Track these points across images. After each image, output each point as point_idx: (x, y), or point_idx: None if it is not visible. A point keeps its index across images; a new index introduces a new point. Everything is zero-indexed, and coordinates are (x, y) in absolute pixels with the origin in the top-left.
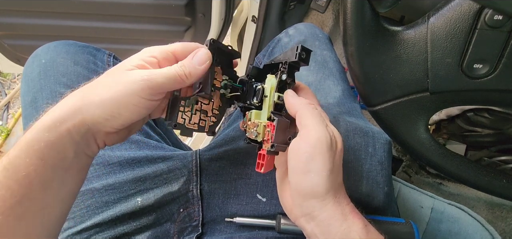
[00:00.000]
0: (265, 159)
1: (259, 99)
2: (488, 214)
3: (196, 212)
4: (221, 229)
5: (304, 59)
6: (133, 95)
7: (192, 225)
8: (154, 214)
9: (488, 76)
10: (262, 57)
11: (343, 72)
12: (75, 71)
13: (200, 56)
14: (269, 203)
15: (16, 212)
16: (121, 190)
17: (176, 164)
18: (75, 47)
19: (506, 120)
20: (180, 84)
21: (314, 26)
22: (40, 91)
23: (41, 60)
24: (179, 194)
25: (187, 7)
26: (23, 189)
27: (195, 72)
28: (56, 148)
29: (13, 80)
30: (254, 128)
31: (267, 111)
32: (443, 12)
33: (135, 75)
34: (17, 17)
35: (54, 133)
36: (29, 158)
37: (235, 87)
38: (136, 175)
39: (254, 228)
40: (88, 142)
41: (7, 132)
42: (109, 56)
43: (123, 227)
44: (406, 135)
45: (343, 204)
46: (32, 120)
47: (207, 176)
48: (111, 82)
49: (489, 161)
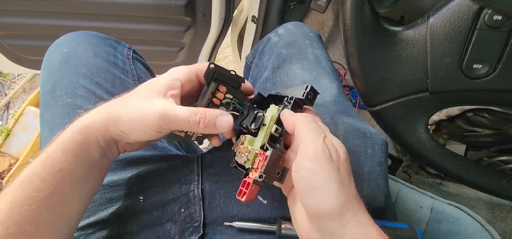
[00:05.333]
0: (249, 188)
1: (257, 127)
2: (488, 214)
3: (197, 212)
4: (222, 231)
5: (310, 99)
6: (146, 124)
7: (193, 226)
8: (155, 213)
9: (488, 76)
10: (251, 57)
11: (336, 71)
12: (96, 63)
13: (223, 121)
14: (270, 205)
15: (47, 202)
16: (124, 187)
17: (178, 163)
18: (96, 38)
19: (506, 120)
20: (191, 128)
21: (304, 25)
22: (60, 80)
23: (63, 49)
24: (180, 193)
25: (187, 7)
26: (55, 182)
27: (210, 129)
28: (85, 149)
29: (13, 80)
30: (246, 153)
31: (262, 139)
32: (443, 12)
33: (153, 107)
34: (17, 17)
35: (85, 136)
36: (64, 154)
37: (237, 108)
38: (139, 173)
39: (255, 232)
40: (110, 147)
41: (7, 132)
42: (129, 50)
43: (125, 225)
44: (406, 135)
45: (366, 224)
46: (50, 108)
47: (209, 177)
48: (134, 106)
49: (489, 161)
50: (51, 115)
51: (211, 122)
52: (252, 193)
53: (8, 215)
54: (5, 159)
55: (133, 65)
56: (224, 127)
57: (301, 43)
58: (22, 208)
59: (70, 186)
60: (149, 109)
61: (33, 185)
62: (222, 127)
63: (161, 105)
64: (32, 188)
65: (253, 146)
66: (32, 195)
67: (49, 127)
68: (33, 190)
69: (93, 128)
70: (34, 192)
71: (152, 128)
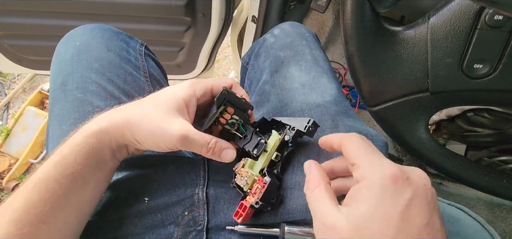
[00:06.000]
0: (245, 211)
1: (259, 153)
2: (488, 214)
3: (201, 216)
4: (225, 235)
5: (311, 132)
6: (164, 141)
7: (196, 230)
8: (159, 215)
9: (488, 76)
10: (247, 58)
11: (334, 71)
12: (108, 58)
13: (227, 154)
14: (273, 211)
15: (61, 203)
16: (129, 187)
17: (185, 166)
18: (109, 33)
19: (506, 119)
20: (202, 153)
21: (300, 25)
22: (71, 74)
23: (76, 42)
24: (185, 196)
25: (187, 7)
26: (69, 183)
27: (214, 157)
28: (98, 152)
29: (13, 80)
30: (245, 177)
31: (262, 164)
32: (443, 12)
33: (175, 128)
34: (17, 17)
35: (99, 141)
36: (78, 157)
37: (240, 130)
38: (146, 173)
39: (259, 237)
40: (121, 150)
41: (7, 132)
42: (141, 45)
43: (128, 226)
44: (406, 135)
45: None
46: (60, 102)
47: (214, 181)
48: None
49: (489, 161)
50: (61, 109)
51: (218, 153)
52: (248, 215)
53: (23, 215)
54: (5, 159)
55: (145, 62)
56: (227, 160)
57: (298, 44)
58: (37, 208)
59: (82, 187)
60: (170, 130)
61: (48, 186)
62: (225, 159)
63: (183, 128)
64: (47, 189)
65: (253, 170)
66: (46, 197)
67: (58, 121)
68: (47, 191)
69: (109, 133)
70: (48, 193)
71: (169, 145)
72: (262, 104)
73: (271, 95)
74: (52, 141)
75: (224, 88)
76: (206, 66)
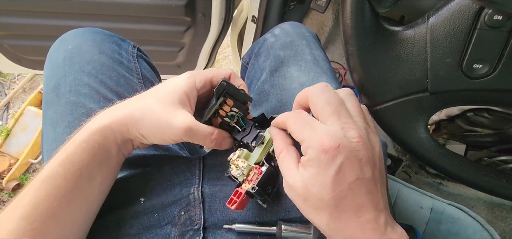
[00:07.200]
0: (240, 197)
1: (257, 145)
2: (488, 214)
3: (197, 215)
4: (222, 234)
5: None
6: (169, 134)
7: (193, 229)
8: (155, 215)
9: (488, 76)
10: (247, 57)
11: (333, 71)
12: (100, 60)
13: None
14: (270, 209)
15: (68, 198)
16: (126, 188)
17: (180, 165)
18: (101, 36)
19: (506, 119)
20: (205, 144)
21: (300, 25)
22: (64, 77)
23: (68, 46)
24: (181, 196)
25: (187, 7)
26: (75, 179)
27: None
28: (103, 148)
29: (13, 80)
30: (241, 167)
31: (258, 156)
32: (443, 12)
33: (180, 120)
34: (17, 17)
35: (104, 137)
36: (83, 154)
37: (239, 123)
38: (142, 173)
39: (255, 235)
40: (126, 145)
41: (7, 132)
42: (134, 47)
43: (125, 227)
44: (406, 135)
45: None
46: (53, 105)
47: (209, 180)
48: (158, 113)
49: (489, 161)
50: (54, 113)
51: (218, 142)
52: (243, 203)
53: (32, 211)
54: (5, 159)
55: (137, 63)
56: (224, 147)
57: (298, 43)
58: (45, 204)
59: (89, 183)
60: (175, 122)
61: (55, 183)
62: (223, 147)
63: (187, 120)
64: (54, 186)
65: (249, 161)
66: (54, 193)
67: (52, 125)
68: (54, 188)
69: (113, 129)
70: (56, 189)
71: (174, 137)
72: (261, 103)
73: (270, 95)
74: (47, 145)
75: (223, 79)
76: (206, 66)
